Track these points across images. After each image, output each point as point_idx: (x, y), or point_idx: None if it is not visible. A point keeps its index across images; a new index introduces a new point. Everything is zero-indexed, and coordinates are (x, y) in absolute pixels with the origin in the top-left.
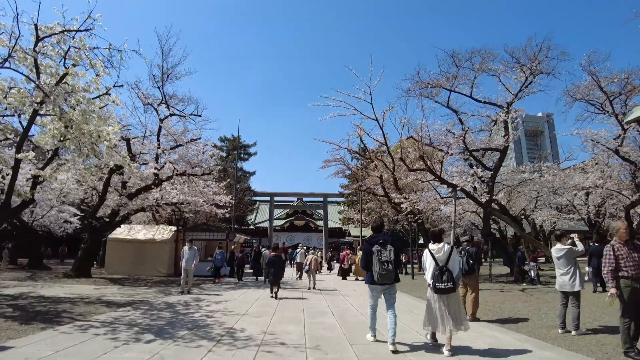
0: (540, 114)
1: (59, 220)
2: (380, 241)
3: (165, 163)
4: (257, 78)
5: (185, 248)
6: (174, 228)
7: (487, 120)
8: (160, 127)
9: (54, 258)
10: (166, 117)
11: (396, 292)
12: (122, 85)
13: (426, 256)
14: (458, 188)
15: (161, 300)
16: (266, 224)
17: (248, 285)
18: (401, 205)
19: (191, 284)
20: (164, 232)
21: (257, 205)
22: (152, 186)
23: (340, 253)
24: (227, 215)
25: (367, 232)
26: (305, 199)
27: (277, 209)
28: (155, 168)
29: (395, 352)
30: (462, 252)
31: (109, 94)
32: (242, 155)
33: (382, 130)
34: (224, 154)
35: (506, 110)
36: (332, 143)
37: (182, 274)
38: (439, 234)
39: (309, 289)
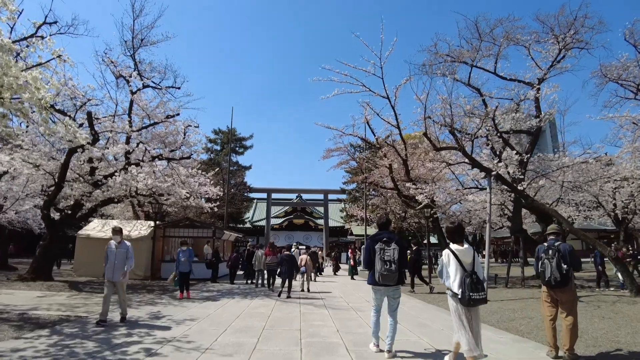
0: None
1: (37, 216)
2: (384, 239)
3: (138, 144)
4: (257, 76)
5: (112, 244)
6: (152, 223)
7: (511, 102)
8: (132, 102)
9: (29, 257)
10: (139, 90)
11: (400, 295)
12: (55, 22)
13: (448, 259)
14: (493, 173)
15: (110, 315)
16: (264, 223)
17: (233, 292)
18: (416, 198)
19: (126, 304)
20: (142, 228)
21: (254, 202)
22: (118, 171)
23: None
24: (216, 209)
25: (371, 230)
26: (304, 195)
27: (275, 206)
28: (127, 151)
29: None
30: (550, 252)
31: (41, 37)
32: (237, 148)
33: (394, 110)
34: (218, 147)
35: (537, 87)
36: (335, 129)
37: (105, 289)
38: (460, 229)
39: (302, 290)
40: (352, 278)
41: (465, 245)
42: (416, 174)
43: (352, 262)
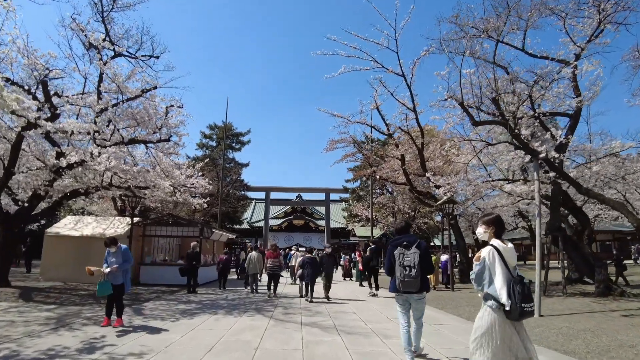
0: None
1: None
2: (404, 243)
3: (108, 124)
4: (257, 66)
5: None
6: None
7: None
8: (101, 73)
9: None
10: (110, 59)
11: (425, 303)
12: None
13: (493, 259)
14: (541, 155)
15: (26, 344)
16: (262, 224)
17: (217, 305)
18: (437, 190)
19: None
20: (119, 226)
21: (253, 203)
22: (75, 152)
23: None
24: (207, 206)
25: (376, 231)
26: (305, 195)
27: (274, 205)
28: (96, 132)
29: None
30: None
31: None
32: (233, 144)
33: (411, 90)
34: (214, 143)
35: (574, 63)
36: (341, 117)
37: None
38: (499, 223)
39: (301, 296)
40: (361, 284)
41: (510, 244)
42: (431, 166)
43: (360, 267)
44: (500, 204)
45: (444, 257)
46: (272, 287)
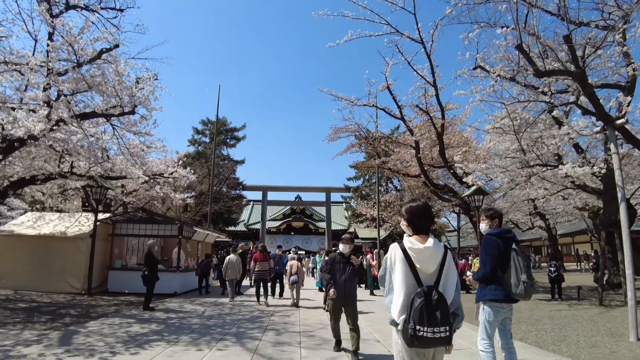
0: None
1: None
2: (516, 239)
3: (59, 96)
4: (258, 71)
5: None
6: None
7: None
8: (51, 30)
9: None
10: (61, 12)
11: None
12: None
13: (394, 260)
14: (620, 122)
15: None
16: (260, 226)
17: (185, 325)
18: (464, 179)
19: None
20: (85, 223)
21: (251, 204)
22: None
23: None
24: (189, 200)
25: (383, 232)
26: (304, 195)
27: (272, 205)
28: (45, 103)
29: None
30: None
31: None
32: (227, 140)
33: (430, 60)
34: (207, 139)
35: (621, 28)
36: (345, 99)
37: None
38: (427, 210)
39: (293, 305)
40: (372, 293)
41: (430, 241)
42: (451, 154)
43: (373, 272)
44: (534, 195)
45: None
46: (260, 295)
